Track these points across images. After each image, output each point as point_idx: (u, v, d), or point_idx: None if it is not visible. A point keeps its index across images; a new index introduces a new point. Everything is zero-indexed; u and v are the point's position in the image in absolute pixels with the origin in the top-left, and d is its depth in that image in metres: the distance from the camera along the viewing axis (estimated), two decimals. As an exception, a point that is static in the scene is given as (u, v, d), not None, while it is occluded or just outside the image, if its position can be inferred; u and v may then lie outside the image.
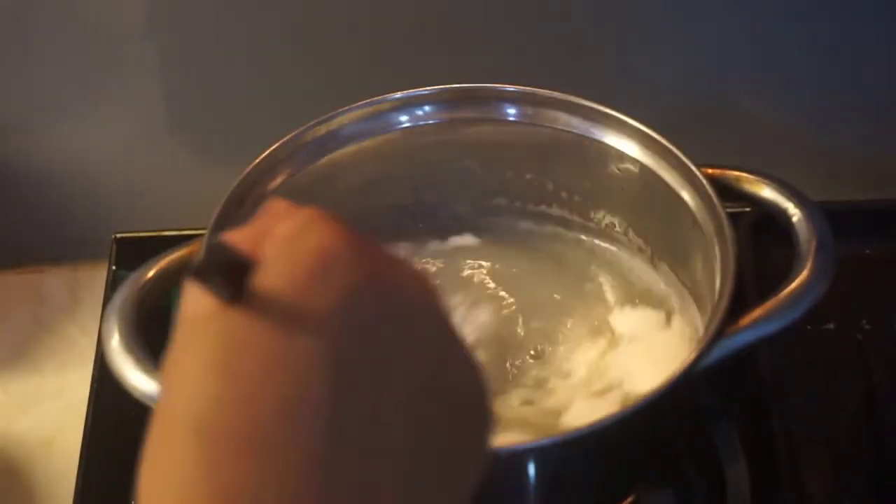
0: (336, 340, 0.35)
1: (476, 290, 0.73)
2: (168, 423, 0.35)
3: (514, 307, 0.72)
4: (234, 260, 0.36)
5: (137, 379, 0.61)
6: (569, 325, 0.72)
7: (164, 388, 0.36)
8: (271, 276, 0.36)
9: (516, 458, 0.59)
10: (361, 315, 0.36)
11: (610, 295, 0.73)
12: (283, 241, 0.37)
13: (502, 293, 0.73)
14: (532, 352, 0.70)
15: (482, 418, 0.40)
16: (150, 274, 0.66)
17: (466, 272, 0.74)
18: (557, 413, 0.67)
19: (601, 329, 0.71)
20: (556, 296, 0.73)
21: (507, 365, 0.69)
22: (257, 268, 0.36)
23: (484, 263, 0.75)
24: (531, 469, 0.60)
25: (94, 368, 0.76)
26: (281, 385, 0.35)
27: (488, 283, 0.74)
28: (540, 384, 0.69)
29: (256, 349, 0.35)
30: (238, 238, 0.38)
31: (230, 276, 0.36)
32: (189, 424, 0.34)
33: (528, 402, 0.68)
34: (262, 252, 0.37)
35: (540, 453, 0.59)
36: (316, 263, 0.36)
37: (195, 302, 0.37)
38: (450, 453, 0.38)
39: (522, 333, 0.71)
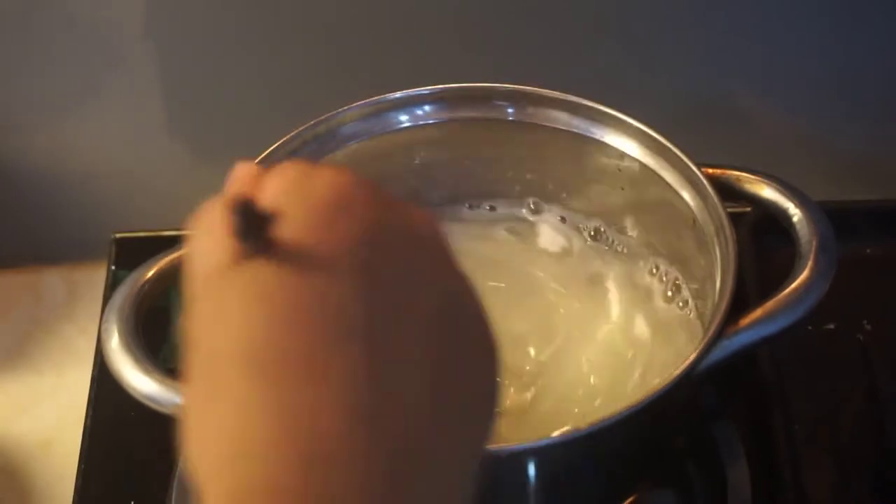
0: (362, 272, 0.37)
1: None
2: (213, 363, 0.36)
3: (513, 308, 0.72)
4: (258, 213, 0.37)
5: (137, 379, 0.61)
6: (568, 324, 0.71)
7: (196, 336, 0.37)
8: (290, 222, 0.37)
9: (516, 458, 0.59)
10: (380, 248, 0.38)
11: (611, 294, 0.73)
12: (292, 189, 0.39)
13: (502, 294, 0.73)
14: (532, 351, 0.70)
15: (492, 351, 0.41)
16: (150, 274, 0.66)
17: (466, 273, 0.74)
18: (555, 412, 0.67)
19: (601, 326, 0.71)
20: (553, 297, 0.73)
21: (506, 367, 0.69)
22: (276, 215, 0.37)
23: (484, 265, 0.75)
24: (531, 469, 0.60)
25: (94, 368, 0.76)
26: (321, 315, 0.36)
27: (488, 284, 0.74)
28: (538, 386, 0.69)
29: (291, 288, 0.36)
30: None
31: (255, 228, 0.37)
32: (239, 357, 0.35)
33: (522, 405, 0.67)
34: (269, 203, 0.38)
35: (540, 454, 0.59)
36: (330, 204, 0.38)
37: (209, 256, 0.38)
38: (470, 379, 0.39)
39: (522, 334, 0.71)
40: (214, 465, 0.35)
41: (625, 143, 0.70)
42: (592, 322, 0.71)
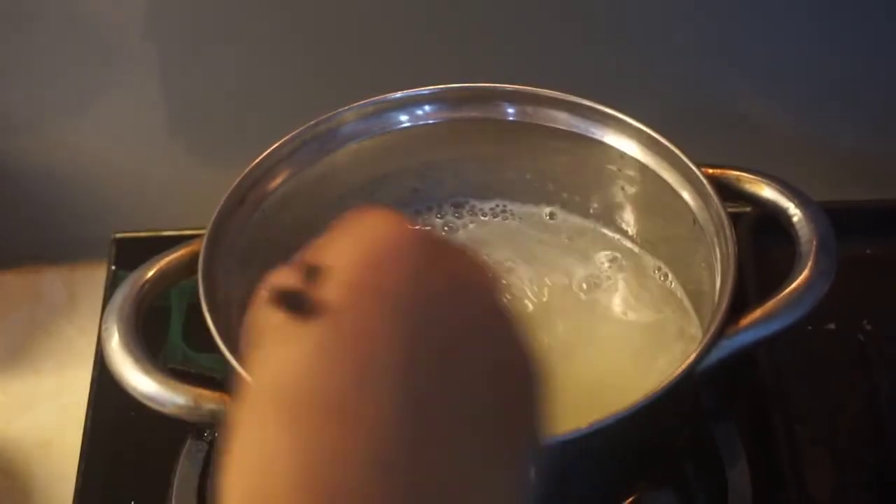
0: (406, 315, 0.38)
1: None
2: (253, 408, 0.38)
3: (512, 307, 0.72)
4: (307, 274, 0.39)
5: (137, 379, 0.61)
6: (567, 325, 0.71)
7: (245, 383, 0.39)
8: (338, 274, 0.38)
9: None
10: (427, 293, 0.39)
11: (611, 293, 0.73)
12: (345, 238, 0.40)
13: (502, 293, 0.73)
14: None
15: (535, 397, 0.41)
16: (150, 274, 0.66)
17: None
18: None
19: (600, 325, 0.71)
20: (553, 297, 0.73)
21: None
22: (325, 272, 0.38)
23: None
24: (531, 469, 0.59)
25: (94, 368, 0.76)
26: (356, 356, 0.37)
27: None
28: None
29: (332, 331, 0.37)
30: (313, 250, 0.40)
31: (300, 291, 0.38)
32: (270, 399, 0.37)
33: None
34: (329, 255, 0.39)
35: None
36: (381, 251, 0.39)
37: (264, 315, 0.39)
38: (507, 423, 0.40)
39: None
40: None
41: (625, 142, 0.70)
42: (592, 322, 0.71)
